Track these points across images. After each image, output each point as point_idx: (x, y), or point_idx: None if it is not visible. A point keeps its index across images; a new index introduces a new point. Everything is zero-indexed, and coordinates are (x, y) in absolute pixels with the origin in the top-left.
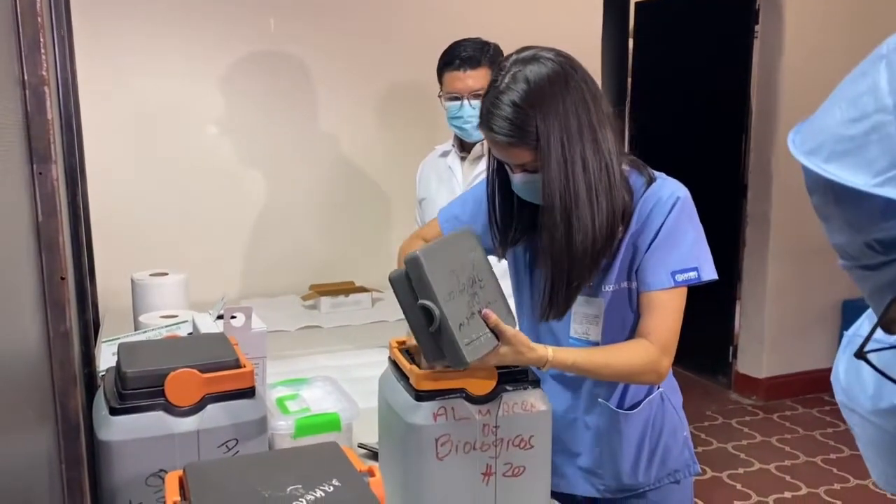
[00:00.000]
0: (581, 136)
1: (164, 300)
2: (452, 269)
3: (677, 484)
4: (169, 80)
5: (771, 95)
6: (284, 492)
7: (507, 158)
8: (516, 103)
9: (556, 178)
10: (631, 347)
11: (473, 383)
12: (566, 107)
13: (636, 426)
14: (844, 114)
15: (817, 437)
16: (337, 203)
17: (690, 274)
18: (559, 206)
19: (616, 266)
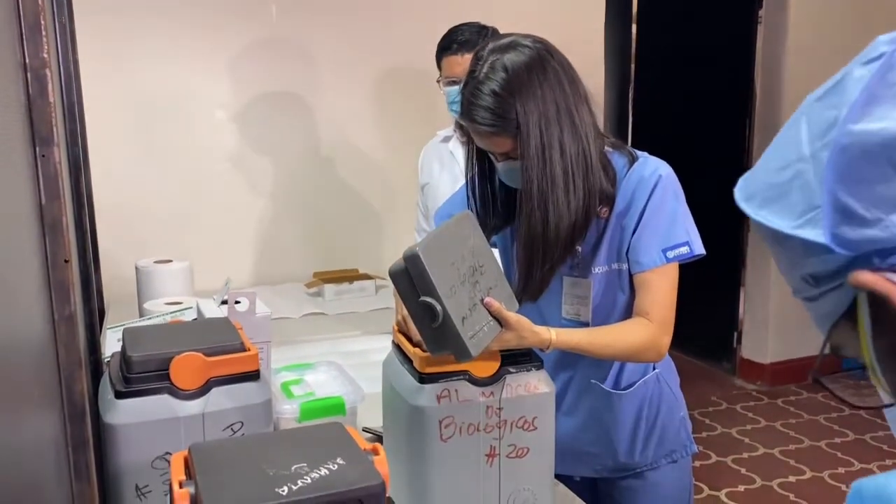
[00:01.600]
0: (559, 120)
1: (168, 287)
2: (452, 262)
3: (675, 464)
4: (172, 68)
5: (775, 80)
6: (289, 470)
7: (489, 147)
8: (496, 92)
9: (535, 164)
10: (631, 327)
11: (477, 366)
12: (544, 92)
13: (632, 406)
14: (773, 163)
15: (821, 421)
16: (340, 190)
17: (681, 249)
18: (536, 191)
19: (604, 247)
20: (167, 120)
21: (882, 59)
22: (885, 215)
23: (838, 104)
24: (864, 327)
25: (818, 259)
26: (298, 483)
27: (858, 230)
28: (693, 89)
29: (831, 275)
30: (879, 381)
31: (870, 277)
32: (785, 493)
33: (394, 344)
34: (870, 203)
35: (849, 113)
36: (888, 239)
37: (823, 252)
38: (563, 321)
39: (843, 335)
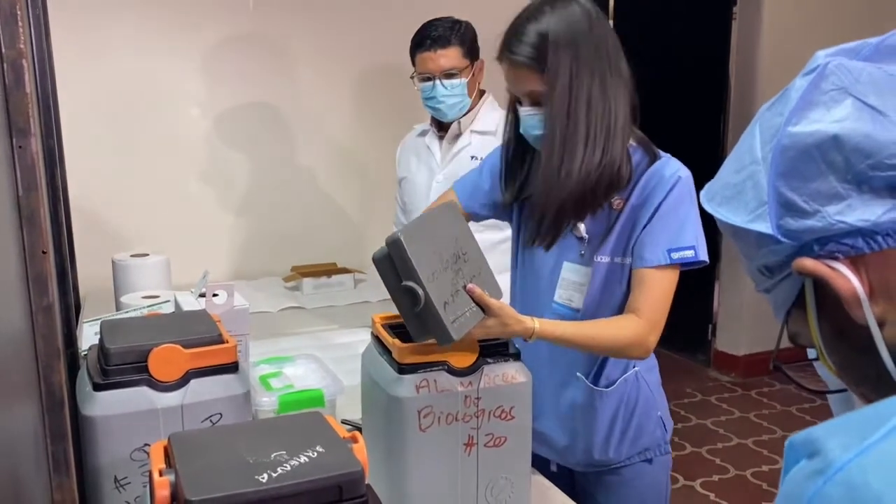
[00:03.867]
0: (591, 78)
1: (145, 281)
2: (435, 248)
3: (649, 462)
4: (148, 60)
5: (749, 75)
6: (269, 458)
7: (516, 85)
8: (537, 30)
9: (560, 107)
10: (619, 322)
11: (455, 356)
12: (581, 48)
13: (610, 403)
14: (731, 166)
15: (794, 412)
16: (317, 184)
17: (686, 252)
18: (558, 135)
19: (612, 239)
20: (143, 114)
21: (817, 70)
22: (821, 207)
23: (783, 111)
24: (811, 312)
25: (768, 250)
26: (278, 470)
27: (800, 221)
28: (669, 86)
29: (780, 265)
30: (827, 363)
31: (810, 263)
32: (758, 482)
33: (373, 335)
34: (808, 196)
35: (788, 117)
36: (825, 228)
37: (772, 243)
38: (555, 305)
39: (798, 323)
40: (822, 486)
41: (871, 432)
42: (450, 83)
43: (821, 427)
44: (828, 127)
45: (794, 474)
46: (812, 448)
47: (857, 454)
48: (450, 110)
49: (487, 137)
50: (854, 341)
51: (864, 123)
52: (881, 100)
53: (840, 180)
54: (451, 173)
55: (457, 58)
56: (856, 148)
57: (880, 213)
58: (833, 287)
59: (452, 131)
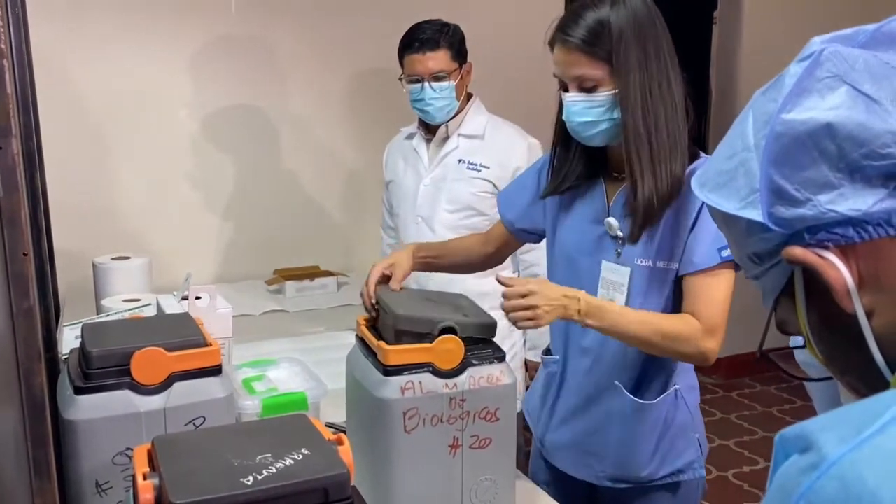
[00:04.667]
0: (658, 71)
1: (126, 284)
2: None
3: (679, 484)
4: (130, 64)
5: (730, 79)
6: (254, 460)
7: (567, 69)
8: (596, 17)
9: (636, 94)
10: (673, 316)
11: (441, 357)
12: (648, 41)
13: (648, 418)
14: (723, 153)
15: (774, 413)
16: (301, 187)
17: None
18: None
19: (654, 241)
20: (125, 115)
21: (812, 57)
22: (813, 195)
23: (776, 97)
24: (799, 300)
25: (758, 237)
26: (263, 473)
27: (791, 209)
28: None
29: (770, 252)
30: (814, 352)
31: (800, 252)
32: (739, 482)
33: (358, 338)
34: (800, 184)
35: (782, 104)
36: (816, 217)
37: (763, 231)
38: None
39: (786, 310)
40: (817, 480)
41: (865, 427)
42: (438, 86)
43: (813, 422)
44: (822, 115)
45: (786, 468)
46: (805, 442)
47: (851, 448)
48: (438, 113)
49: (475, 141)
50: (842, 330)
51: (859, 112)
52: (876, 88)
53: (832, 169)
54: (439, 176)
55: (445, 60)
56: (849, 136)
57: (872, 203)
58: (822, 276)
59: (440, 134)
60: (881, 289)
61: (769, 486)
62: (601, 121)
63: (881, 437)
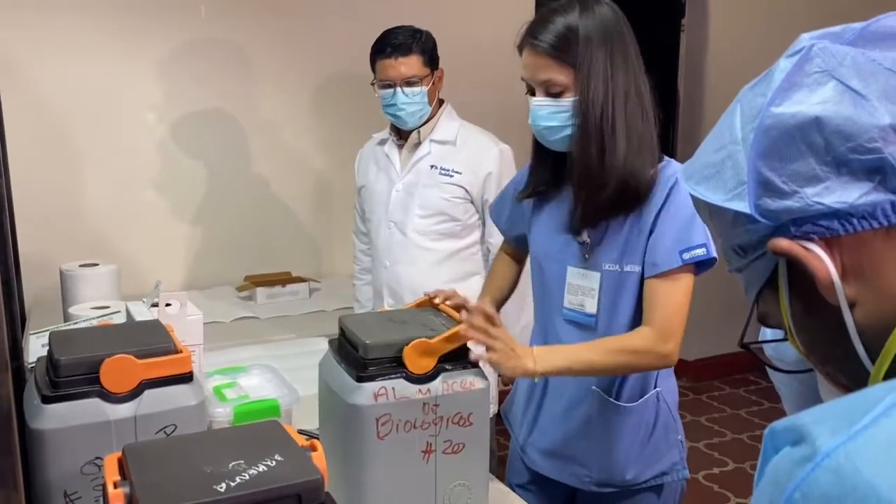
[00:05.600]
0: (627, 77)
1: (94, 291)
2: None
3: (662, 487)
4: (97, 68)
5: (697, 88)
6: (227, 467)
7: (534, 73)
8: (565, 22)
9: (595, 100)
10: (626, 336)
11: (414, 363)
12: (615, 46)
13: (629, 422)
14: (710, 146)
15: (743, 415)
16: (272, 192)
17: (698, 251)
18: (593, 130)
19: (618, 245)
20: (92, 120)
21: (802, 52)
22: (799, 188)
23: (765, 91)
24: (783, 291)
25: (744, 229)
26: (237, 480)
27: (778, 201)
28: None
29: (755, 244)
30: (796, 343)
31: (785, 244)
32: (710, 484)
33: (330, 343)
34: (787, 177)
35: (772, 97)
36: (802, 209)
37: (749, 222)
38: (565, 310)
39: (768, 302)
40: (811, 472)
41: (858, 418)
42: (410, 91)
43: (804, 415)
44: (810, 108)
45: (778, 461)
46: (797, 435)
47: (845, 440)
48: (410, 118)
49: (447, 147)
50: (824, 321)
51: (846, 106)
52: (863, 84)
53: (819, 162)
54: (411, 182)
55: (417, 66)
56: (836, 130)
57: (857, 196)
58: (807, 268)
59: (412, 140)
60: (864, 281)
61: (757, 481)
62: (566, 126)
63: (874, 429)
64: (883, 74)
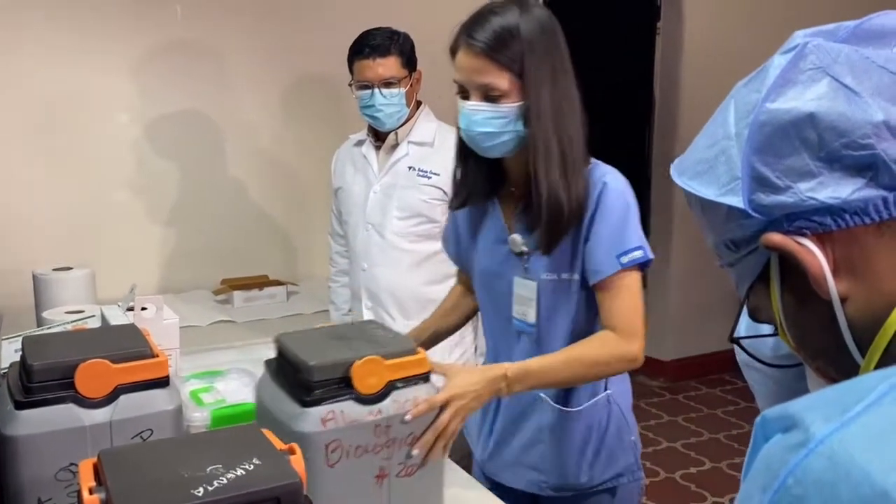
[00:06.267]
0: (564, 86)
1: (68, 295)
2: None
3: (619, 489)
4: (69, 69)
5: (673, 90)
6: (204, 471)
7: (473, 76)
8: (504, 25)
9: (547, 109)
10: (592, 341)
11: (363, 383)
12: (551, 55)
13: (580, 426)
14: (703, 141)
15: (719, 414)
16: (248, 194)
17: (635, 253)
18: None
19: (556, 253)
20: (65, 123)
21: (797, 49)
22: (793, 183)
23: (760, 88)
24: (774, 286)
25: (737, 224)
26: (214, 484)
27: (771, 196)
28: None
29: (748, 239)
30: (786, 337)
31: (779, 238)
32: (687, 483)
33: (267, 364)
34: (781, 172)
35: (766, 94)
36: (795, 204)
37: (742, 217)
38: (514, 321)
39: (759, 297)
40: (805, 457)
41: (851, 406)
42: (388, 92)
43: (796, 403)
44: (805, 105)
45: (770, 448)
46: (789, 422)
47: (838, 426)
48: (388, 119)
49: (425, 148)
50: (815, 316)
51: (840, 103)
52: (857, 81)
53: (813, 158)
54: (389, 184)
55: (395, 67)
56: (830, 126)
57: (850, 192)
58: (800, 262)
59: (389, 141)
60: (855, 276)
61: (746, 470)
62: (504, 132)
63: (867, 416)
64: (876, 72)
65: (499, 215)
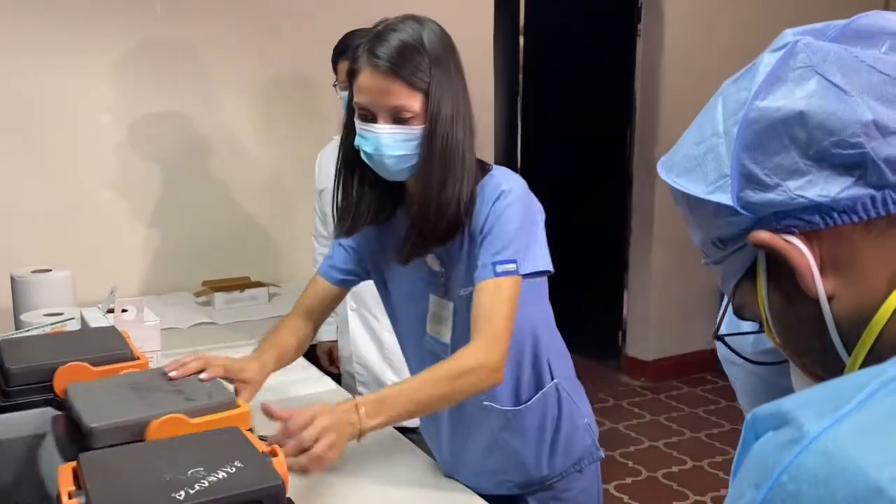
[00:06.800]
0: (463, 100)
1: (47, 298)
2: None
3: (581, 472)
4: (48, 67)
5: (653, 91)
6: (185, 474)
7: (382, 98)
8: (408, 41)
9: (443, 130)
10: (451, 360)
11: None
12: (453, 68)
13: (533, 420)
14: (691, 138)
15: (700, 414)
16: (229, 195)
17: (508, 266)
18: (438, 158)
19: (465, 268)
20: (43, 122)
21: (787, 47)
22: (782, 181)
23: (749, 86)
24: (761, 284)
25: (725, 221)
26: (196, 487)
27: (760, 194)
28: (578, 101)
29: (736, 237)
30: (772, 335)
31: (767, 236)
32: (669, 482)
33: (54, 422)
34: (770, 170)
35: (756, 91)
36: (784, 202)
37: (730, 215)
38: (428, 338)
39: (745, 294)
40: (798, 454)
41: (844, 402)
42: None
43: (787, 400)
44: (794, 103)
45: (762, 445)
46: (781, 419)
47: (832, 423)
48: None
49: None
50: (802, 314)
51: (829, 102)
52: (846, 80)
53: (802, 156)
54: None
55: None
56: (820, 125)
57: (838, 191)
58: (788, 260)
59: None
60: (842, 274)
61: (736, 469)
62: (413, 154)
63: (860, 413)
64: (865, 71)
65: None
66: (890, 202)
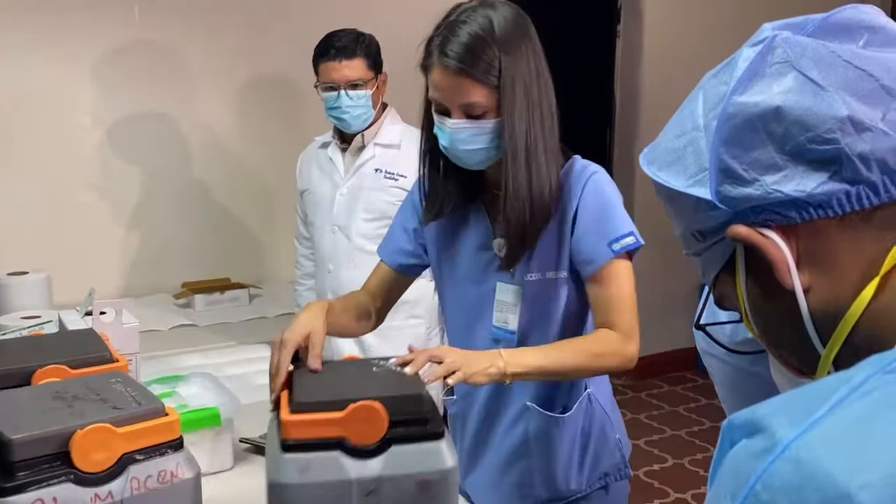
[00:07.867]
0: (539, 85)
1: (24, 301)
2: None
3: (607, 488)
4: (25, 68)
5: (633, 92)
6: None
7: (454, 96)
8: (478, 34)
9: (521, 121)
10: (590, 337)
11: (83, 459)
12: (527, 53)
13: (567, 430)
14: (672, 132)
15: (681, 412)
16: (209, 196)
17: (627, 239)
18: (522, 150)
19: (539, 254)
20: (20, 123)
21: (765, 42)
22: (759, 176)
23: (728, 80)
24: (740, 276)
25: (704, 215)
26: None
27: (738, 188)
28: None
29: (715, 230)
30: (750, 326)
31: (744, 230)
32: (650, 480)
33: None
34: (748, 165)
35: (735, 86)
36: (761, 196)
37: (709, 209)
38: (494, 329)
39: (725, 286)
40: (771, 463)
41: (815, 409)
42: (355, 94)
43: (761, 407)
44: (772, 98)
45: (737, 453)
46: (754, 427)
47: (803, 431)
48: (354, 121)
49: (392, 150)
50: (779, 306)
51: (806, 97)
52: (822, 75)
53: (779, 151)
54: (355, 186)
55: (361, 69)
56: (796, 120)
57: (814, 186)
58: (765, 254)
59: (356, 144)
60: (818, 268)
61: (713, 475)
62: (489, 147)
63: (830, 420)
64: (842, 66)
65: (484, 220)
66: (864, 197)
